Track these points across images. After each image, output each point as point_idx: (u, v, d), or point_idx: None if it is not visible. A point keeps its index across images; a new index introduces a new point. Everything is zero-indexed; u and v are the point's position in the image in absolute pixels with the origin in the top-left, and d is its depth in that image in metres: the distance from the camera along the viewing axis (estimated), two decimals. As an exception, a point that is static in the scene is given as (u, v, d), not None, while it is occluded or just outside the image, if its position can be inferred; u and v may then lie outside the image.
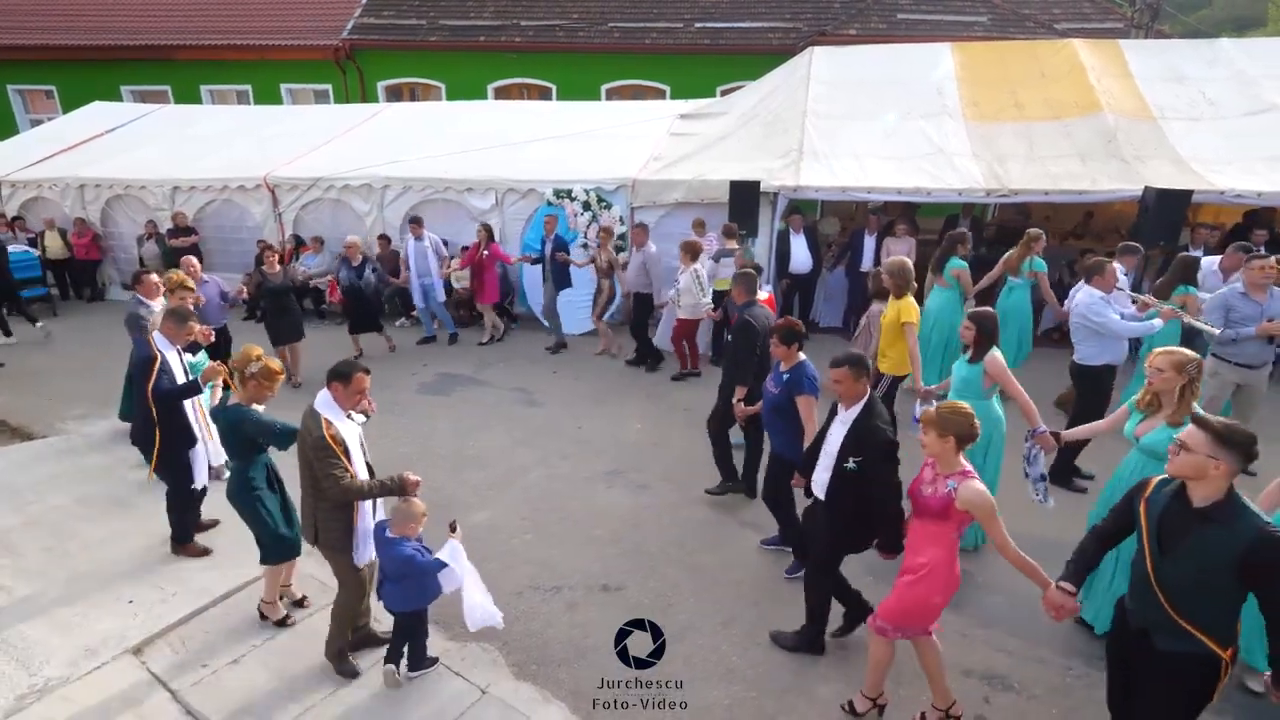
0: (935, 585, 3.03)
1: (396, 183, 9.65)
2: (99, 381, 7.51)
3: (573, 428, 6.65)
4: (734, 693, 3.63)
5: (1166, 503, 2.51)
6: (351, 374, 3.43)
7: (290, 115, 13.19)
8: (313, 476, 3.38)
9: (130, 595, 4.35)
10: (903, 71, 9.92)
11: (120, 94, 16.09)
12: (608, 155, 9.66)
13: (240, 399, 3.80)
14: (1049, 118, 8.79)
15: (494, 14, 15.51)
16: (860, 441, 3.33)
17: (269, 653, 3.91)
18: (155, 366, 4.48)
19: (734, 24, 14.68)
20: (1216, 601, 2.42)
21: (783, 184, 8.19)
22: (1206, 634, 2.42)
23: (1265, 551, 2.27)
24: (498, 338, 9.02)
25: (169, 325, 4.70)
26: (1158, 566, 2.49)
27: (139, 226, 10.55)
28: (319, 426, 3.32)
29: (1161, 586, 2.47)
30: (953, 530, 3.01)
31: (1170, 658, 2.51)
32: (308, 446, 3.35)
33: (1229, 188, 7.31)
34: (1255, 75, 8.93)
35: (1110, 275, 5.23)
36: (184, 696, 3.63)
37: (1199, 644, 2.43)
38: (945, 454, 2.98)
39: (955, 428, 2.94)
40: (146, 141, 11.89)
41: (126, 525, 5.12)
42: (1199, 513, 2.41)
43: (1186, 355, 3.46)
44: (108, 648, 3.93)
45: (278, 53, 15.66)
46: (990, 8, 14.08)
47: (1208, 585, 2.40)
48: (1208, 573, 2.38)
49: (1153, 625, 2.54)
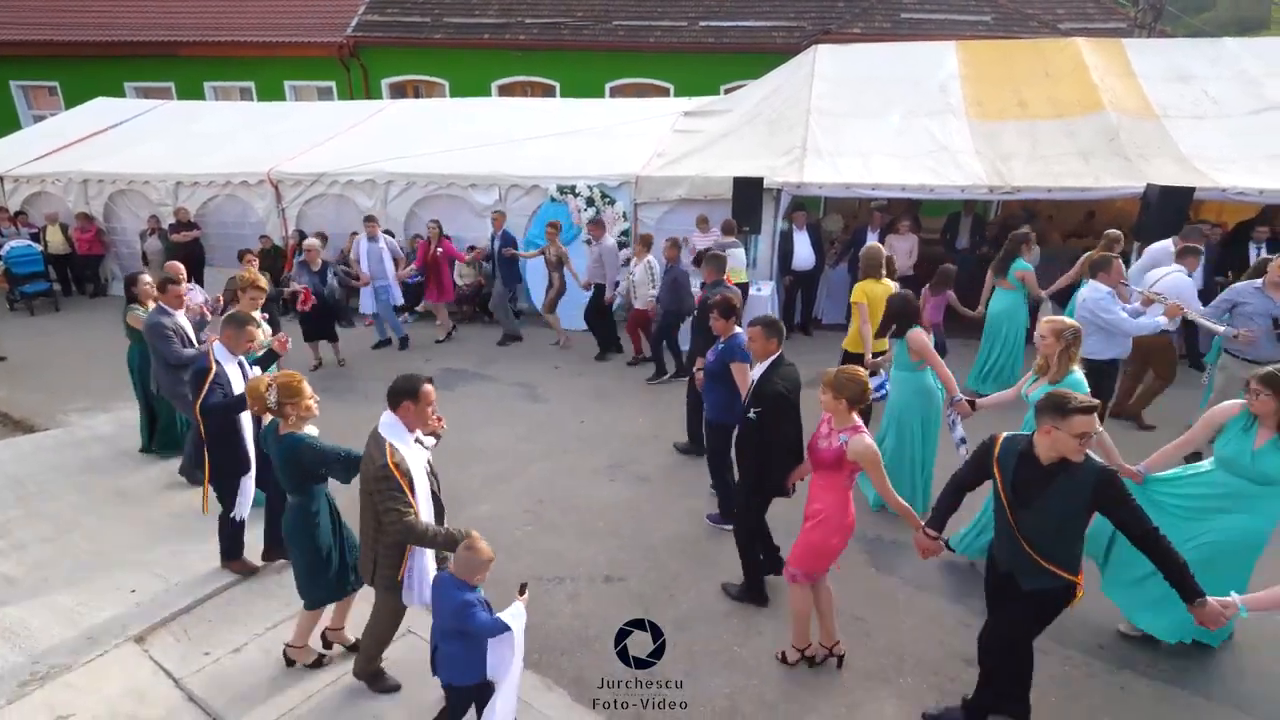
0: (830, 528, 3.37)
1: (400, 178, 9.66)
2: (101, 375, 7.54)
3: (575, 422, 6.65)
4: (735, 681, 3.63)
5: (1017, 461, 2.82)
6: (419, 388, 3.10)
7: (294, 111, 13.21)
8: (375, 509, 3.07)
9: (133, 584, 4.35)
10: (907, 70, 9.92)
11: (124, 90, 16.10)
12: (611, 152, 9.67)
13: (291, 427, 3.39)
14: (1052, 116, 8.79)
15: (498, 12, 15.52)
16: (760, 394, 3.80)
17: (272, 641, 3.91)
18: (209, 379, 4.00)
19: (738, 23, 14.68)
20: (1070, 540, 2.82)
21: (786, 181, 8.19)
22: (1063, 569, 2.80)
23: (1105, 488, 2.69)
24: (454, 336, 8.98)
25: (228, 332, 4.19)
26: (1018, 518, 2.82)
27: (142, 222, 10.58)
28: (382, 454, 3.00)
29: (1023, 534, 2.81)
30: (844, 479, 3.36)
31: (1035, 595, 2.88)
32: (369, 476, 3.04)
33: (1231, 185, 7.31)
34: (1259, 75, 8.93)
35: (1116, 270, 5.26)
36: (186, 684, 3.63)
37: (1058, 579, 2.81)
38: (839, 412, 3.33)
39: (847, 390, 3.29)
40: (150, 137, 11.91)
41: (128, 516, 5.14)
42: (1047, 469, 2.74)
43: (1065, 323, 3.91)
44: (110, 636, 3.94)
45: (282, 49, 15.69)
46: (994, 7, 14.07)
47: (1065, 529, 2.78)
48: (1067, 519, 2.76)
49: (1017, 568, 2.89)
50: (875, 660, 3.77)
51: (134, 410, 6.10)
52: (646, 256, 7.60)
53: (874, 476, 3.32)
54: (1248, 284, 5.27)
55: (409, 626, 3.90)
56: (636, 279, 7.64)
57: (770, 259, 8.60)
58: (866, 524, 4.95)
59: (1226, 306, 5.24)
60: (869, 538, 4.82)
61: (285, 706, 3.49)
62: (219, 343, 4.22)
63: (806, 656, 3.69)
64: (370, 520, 3.14)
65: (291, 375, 3.41)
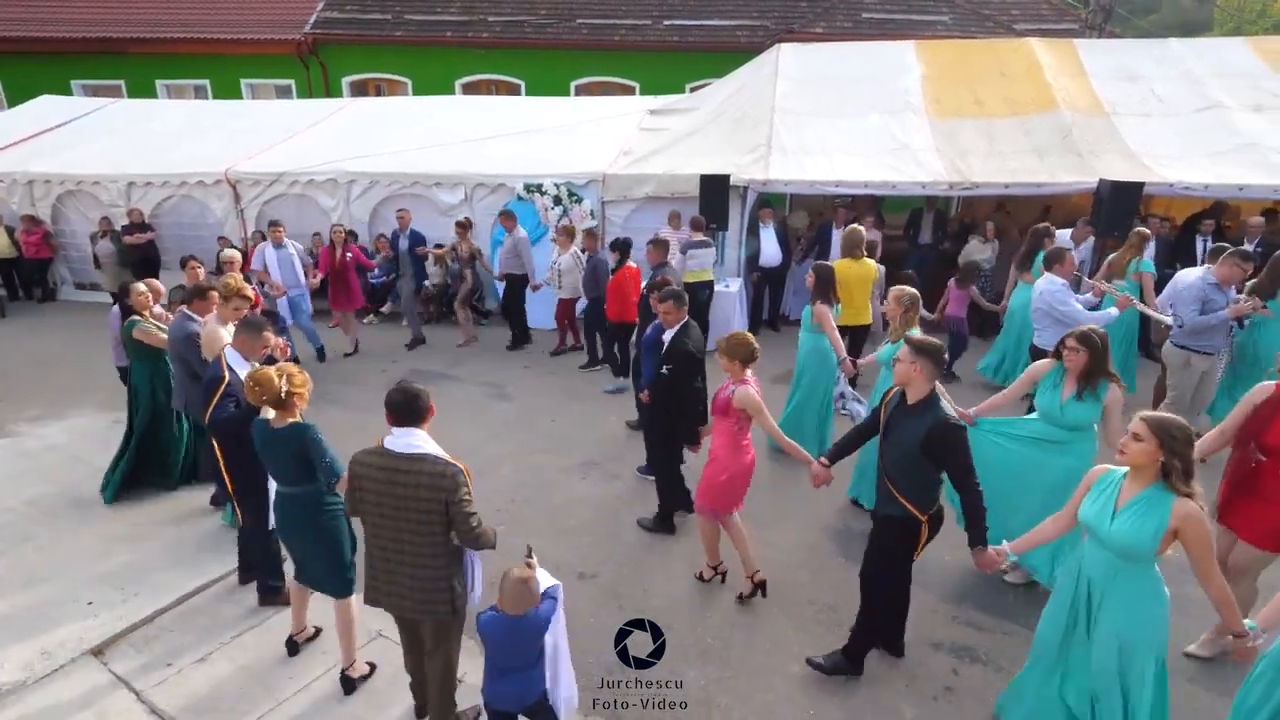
0: (721, 465, 3.92)
1: (363, 177, 9.50)
2: (52, 383, 7.27)
3: (545, 421, 6.63)
4: (709, 673, 3.66)
5: (895, 404, 3.32)
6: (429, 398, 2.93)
7: (253, 109, 12.88)
8: (440, 534, 2.83)
9: (90, 596, 4.22)
10: (868, 69, 10.09)
11: (70, 88, 15.54)
12: (578, 150, 9.63)
13: (289, 416, 3.29)
14: (1008, 114, 9.02)
15: (461, 9, 15.35)
16: (671, 352, 4.53)
17: (237, 649, 3.82)
18: (221, 388, 3.74)
19: (702, 21, 14.76)
20: (917, 476, 3.21)
21: (752, 178, 8.27)
22: (908, 500, 3.21)
23: (936, 432, 3.08)
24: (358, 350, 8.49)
25: (243, 338, 3.94)
26: (883, 451, 3.34)
27: (92, 224, 10.20)
28: (458, 471, 2.79)
29: (883, 464, 3.32)
30: (732, 424, 3.88)
31: (884, 519, 3.36)
32: (440, 498, 2.76)
33: (1178, 180, 7.59)
34: (1202, 74, 9.28)
35: (1069, 263, 5.42)
36: (148, 696, 3.53)
37: (901, 508, 3.23)
38: (734, 370, 3.89)
39: (739, 353, 3.86)
40: (100, 136, 11.50)
41: (84, 527, 4.96)
42: (910, 408, 3.23)
43: (905, 291, 4.70)
44: (66, 650, 3.81)
45: (237, 46, 15.29)
46: (952, 7, 14.38)
47: (908, 461, 3.19)
48: (907, 451, 3.17)
49: (879, 497, 3.40)
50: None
51: (88, 418, 5.89)
52: (571, 247, 7.88)
53: (760, 421, 3.86)
54: (1202, 279, 5.30)
55: (379, 630, 3.85)
56: (563, 268, 7.91)
57: (738, 256, 8.66)
58: (836, 517, 5.05)
59: (1199, 305, 5.22)
60: (838, 529, 4.91)
61: (253, 715, 3.42)
62: (231, 348, 3.93)
63: (719, 572, 4.32)
64: (437, 546, 2.84)
65: (296, 367, 3.36)
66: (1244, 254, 5.26)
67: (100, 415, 6.63)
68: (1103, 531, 2.67)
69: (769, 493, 5.24)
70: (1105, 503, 2.70)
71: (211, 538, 4.79)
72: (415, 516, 2.80)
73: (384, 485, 2.81)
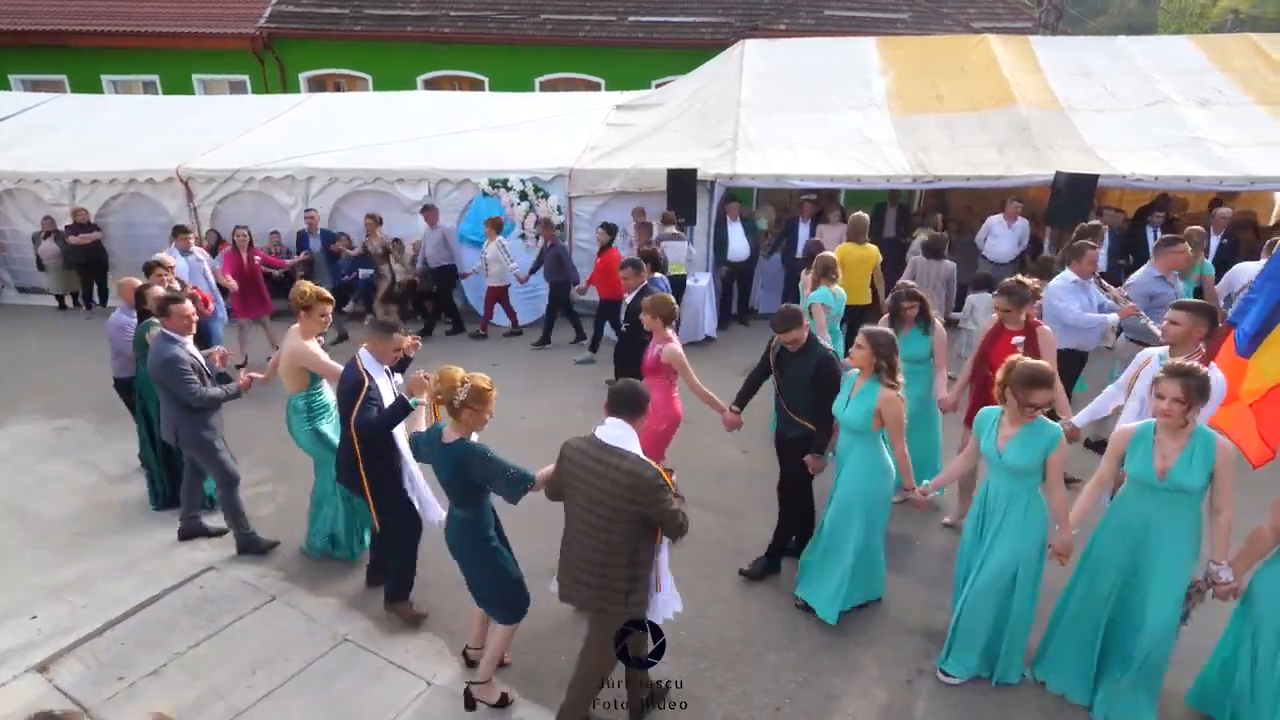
0: (661, 416, 4.33)
1: (322, 174, 9.25)
2: (-8, 388, 6.92)
3: (517, 418, 6.52)
4: (684, 665, 3.63)
5: (779, 350, 4.03)
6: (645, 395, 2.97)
7: (206, 105, 12.46)
8: (624, 530, 2.83)
9: (34, 610, 4.01)
10: (831, 65, 10.19)
11: (9, 83, 14.88)
12: (544, 145, 9.52)
13: (458, 432, 3.10)
14: (968, 109, 9.19)
15: (422, 3, 15.08)
16: (631, 311, 5.24)
17: (194, 659, 3.67)
18: (363, 393, 3.60)
19: (668, 18, 14.75)
20: (809, 402, 3.89)
21: (719, 172, 8.27)
22: (805, 419, 3.93)
23: (823, 365, 3.86)
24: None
25: (375, 341, 3.74)
26: (781, 386, 4.08)
27: (35, 224, 9.77)
28: (656, 474, 2.79)
29: (784, 398, 4.06)
30: (663, 379, 4.40)
31: (791, 441, 4.06)
32: (639, 500, 2.77)
33: (1131, 172, 7.81)
34: (1150, 71, 9.57)
35: (1089, 260, 4.96)
36: (97, 712, 3.36)
37: (803, 429, 3.95)
38: (656, 328, 4.40)
39: (661, 311, 4.38)
40: (42, 132, 11.00)
41: (26, 537, 4.73)
42: (794, 354, 3.95)
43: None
44: (8, 667, 3.62)
45: (188, 40, 14.78)
46: (911, 6, 14.61)
47: (801, 391, 3.92)
48: (800, 384, 3.91)
49: (784, 427, 4.12)
50: (825, 637, 3.82)
51: (29, 425, 5.62)
52: (497, 238, 8.26)
53: (683, 374, 4.35)
54: (1146, 274, 5.33)
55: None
56: (489, 257, 8.35)
57: (706, 250, 8.66)
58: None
59: (1147, 299, 5.18)
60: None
61: (211, 728, 3.28)
62: (365, 352, 3.72)
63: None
64: (618, 541, 2.85)
65: (482, 379, 3.09)
66: (1171, 239, 5.34)
67: (44, 423, 6.33)
68: (839, 412, 3.72)
69: (741, 484, 5.24)
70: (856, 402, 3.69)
71: (162, 547, 4.60)
72: (607, 505, 2.84)
73: (587, 472, 2.89)
